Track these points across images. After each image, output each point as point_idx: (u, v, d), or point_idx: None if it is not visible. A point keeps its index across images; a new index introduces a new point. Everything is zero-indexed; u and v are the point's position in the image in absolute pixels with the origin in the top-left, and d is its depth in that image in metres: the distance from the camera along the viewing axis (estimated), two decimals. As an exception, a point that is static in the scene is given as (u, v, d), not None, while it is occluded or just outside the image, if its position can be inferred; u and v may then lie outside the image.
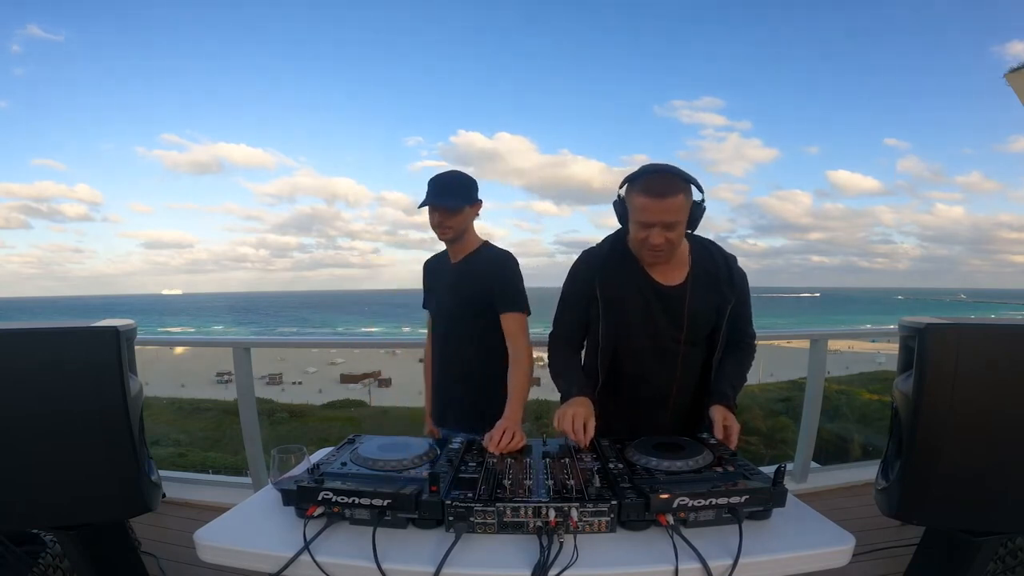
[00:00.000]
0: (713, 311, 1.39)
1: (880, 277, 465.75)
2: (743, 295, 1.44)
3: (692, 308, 1.38)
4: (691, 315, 1.38)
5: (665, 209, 1.23)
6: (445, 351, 1.69)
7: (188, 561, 1.80)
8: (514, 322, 1.56)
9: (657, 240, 1.26)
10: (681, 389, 1.44)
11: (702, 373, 1.46)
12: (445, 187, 1.59)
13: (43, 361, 1.11)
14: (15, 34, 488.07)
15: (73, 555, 1.27)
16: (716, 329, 1.41)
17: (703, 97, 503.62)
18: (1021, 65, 5.21)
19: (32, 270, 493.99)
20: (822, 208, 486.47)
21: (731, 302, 1.39)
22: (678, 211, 1.24)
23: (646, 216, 1.25)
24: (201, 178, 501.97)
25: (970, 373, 1.09)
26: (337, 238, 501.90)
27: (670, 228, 1.25)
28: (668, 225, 1.25)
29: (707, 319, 1.40)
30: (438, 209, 1.58)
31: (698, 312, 1.38)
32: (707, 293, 1.39)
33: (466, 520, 0.95)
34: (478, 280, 1.60)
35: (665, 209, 1.23)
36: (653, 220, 1.24)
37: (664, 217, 1.24)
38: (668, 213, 1.23)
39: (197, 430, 7.75)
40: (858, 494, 2.49)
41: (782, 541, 0.95)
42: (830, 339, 2.70)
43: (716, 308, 1.39)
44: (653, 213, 1.24)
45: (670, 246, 1.28)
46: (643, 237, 1.28)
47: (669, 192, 1.23)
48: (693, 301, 1.37)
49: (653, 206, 1.24)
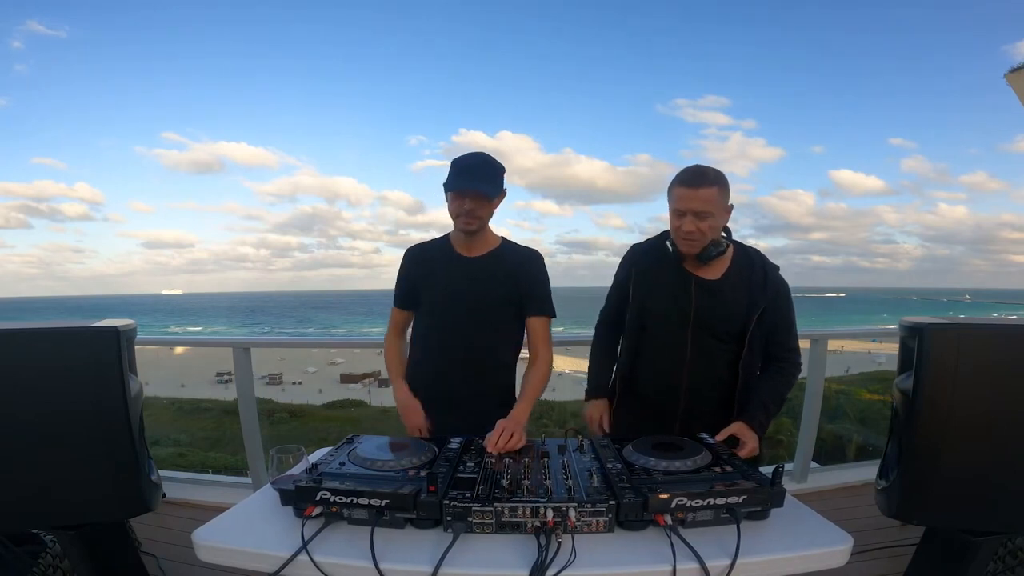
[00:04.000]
0: (743, 309, 1.44)
1: (881, 277, 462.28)
2: (778, 303, 1.46)
3: (724, 302, 1.44)
4: (719, 307, 1.44)
5: (697, 197, 1.34)
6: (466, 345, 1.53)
7: (188, 561, 1.80)
8: (543, 326, 1.55)
9: (690, 227, 1.35)
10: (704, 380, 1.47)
11: (730, 372, 1.48)
12: (479, 171, 1.44)
13: (43, 361, 1.11)
14: (16, 30, 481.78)
15: (73, 555, 1.27)
16: (745, 330, 1.44)
17: (707, 96, 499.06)
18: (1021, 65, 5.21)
19: (32, 270, 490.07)
20: (825, 208, 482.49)
21: (762, 306, 1.43)
22: (708, 201, 1.34)
23: (680, 203, 1.36)
24: (202, 177, 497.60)
25: (970, 373, 1.08)
26: (338, 238, 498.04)
27: (701, 217, 1.35)
28: (699, 214, 1.34)
29: (736, 315, 1.44)
30: (471, 195, 1.42)
31: (726, 305, 1.44)
32: (739, 291, 1.45)
33: (464, 520, 0.95)
34: (510, 278, 1.52)
35: (697, 197, 1.34)
36: (685, 208, 1.35)
37: (695, 205, 1.34)
38: (699, 202, 1.33)
39: (197, 430, 7.75)
40: (858, 494, 2.49)
41: (780, 541, 0.95)
42: (830, 339, 2.69)
43: (746, 307, 1.44)
44: (686, 201, 1.35)
45: (702, 235, 1.37)
46: (677, 225, 1.38)
47: (702, 183, 1.34)
48: (725, 295, 1.45)
49: (686, 194, 1.35)
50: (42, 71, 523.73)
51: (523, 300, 1.53)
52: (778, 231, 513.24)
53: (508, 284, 1.52)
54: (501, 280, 1.52)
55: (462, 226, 1.48)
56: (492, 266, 1.53)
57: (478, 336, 1.53)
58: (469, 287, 1.51)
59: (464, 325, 1.52)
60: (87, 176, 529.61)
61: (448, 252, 1.57)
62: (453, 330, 1.53)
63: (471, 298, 1.51)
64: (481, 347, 1.54)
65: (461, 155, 1.47)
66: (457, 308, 1.52)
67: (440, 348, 1.56)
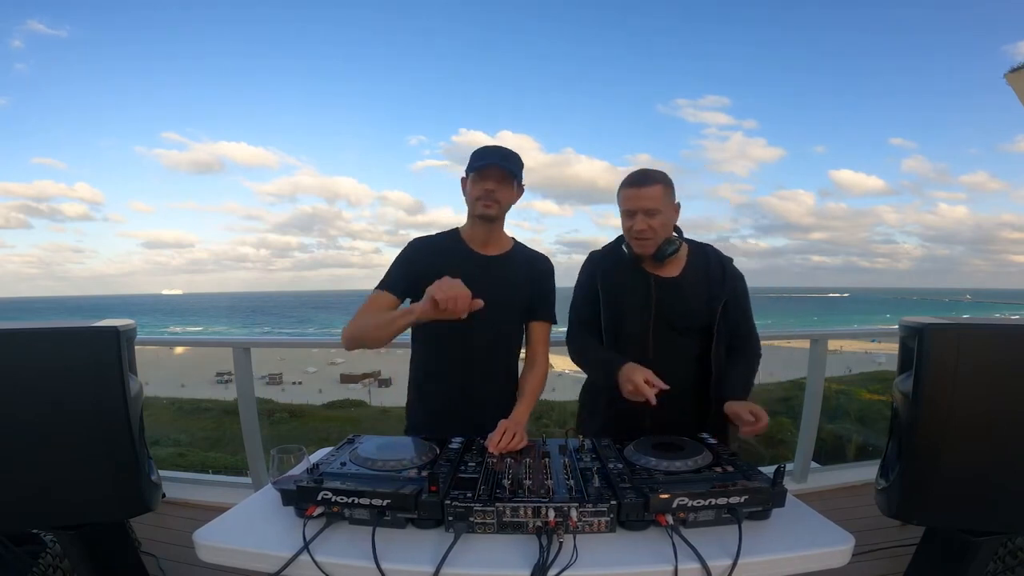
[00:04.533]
0: (704, 303, 1.48)
1: (880, 277, 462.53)
2: (737, 293, 1.52)
3: (683, 297, 1.48)
4: (680, 303, 1.48)
5: (644, 196, 1.40)
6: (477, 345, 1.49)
7: (188, 561, 1.80)
8: (545, 331, 1.55)
9: (641, 225, 1.41)
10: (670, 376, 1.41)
11: (698, 366, 1.50)
12: (503, 152, 1.42)
13: (43, 361, 1.11)
14: (16, 29, 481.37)
15: (73, 555, 1.27)
16: (710, 323, 1.48)
17: (707, 96, 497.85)
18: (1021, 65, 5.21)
19: (32, 270, 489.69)
20: (825, 208, 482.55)
21: (723, 299, 1.48)
22: (655, 199, 1.40)
23: (629, 203, 1.42)
24: (202, 177, 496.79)
25: (970, 373, 1.08)
26: (338, 238, 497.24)
27: (651, 215, 1.41)
28: (648, 212, 1.40)
29: (697, 309, 1.48)
30: (496, 174, 1.39)
31: (687, 301, 1.48)
32: (699, 285, 1.50)
33: (465, 520, 0.95)
34: (525, 281, 1.52)
35: (644, 196, 1.40)
36: (635, 207, 1.41)
37: (644, 204, 1.40)
38: (647, 200, 1.40)
39: (197, 430, 7.75)
40: (858, 494, 2.49)
41: (782, 541, 0.95)
42: (830, 339, 2.70)
43: (707, 301, 1.48)
44: (634, 200, 1.41)
45: (653, 233, 1.42)
46: (629, 225, 1.44)
47: (647, 182, 1.41)
48: (685, 290, 1.49)
49: (634, 193, 1.42)
50: (42, 71, 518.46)
51: (531, 303, 1.53)
52: (778, 231, 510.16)
53: (523, 287, 1.52)
54: (517, 283, 1.51)
55: (481, 209, 1.41)
56: (508, 267, 1.51)
57: (489, 337, 1.49)
58: (486, 286, 1.40)
59: (476, 325, 1.42)
60: (87, 176, 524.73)
61: (460, 247, 1.50)
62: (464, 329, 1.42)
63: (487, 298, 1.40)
64: (491, 348, 1.51)
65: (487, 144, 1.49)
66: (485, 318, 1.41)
67: (450, 347, 1.50)
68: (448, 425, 1.43)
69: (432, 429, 1.44)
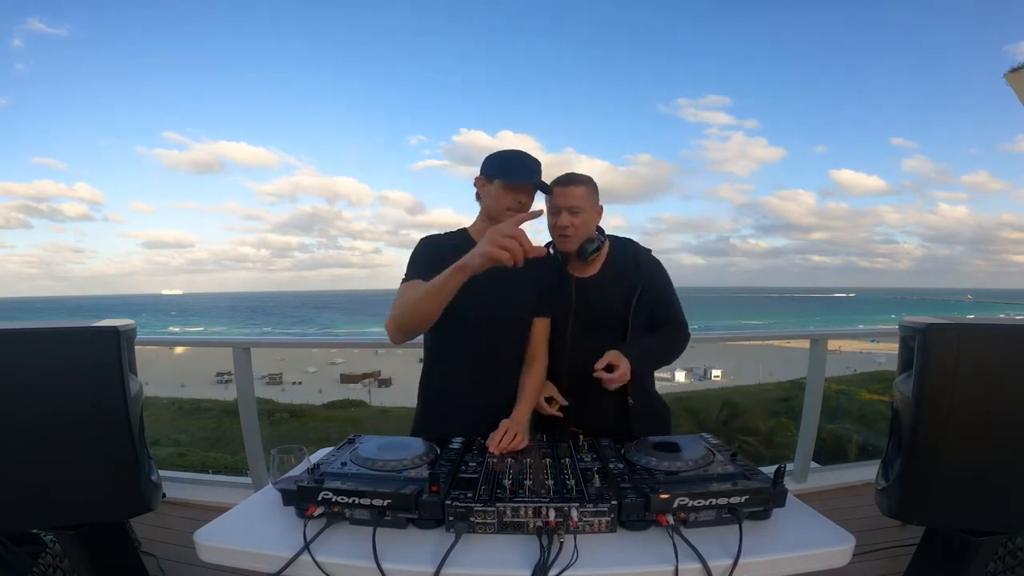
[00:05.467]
0: (621, 297, 1.52)
1: (881, 277, 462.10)
2: (654, 281, 1.56)
3: (603, 294, 1.53)
4: (599, 298, 1.53)
5: (569, 194, 1.48)
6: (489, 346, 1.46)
7: (188, 561, 1.80)
8: (545, 326, 1.54)
9: (565, 222, 1.48)
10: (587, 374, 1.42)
11: None
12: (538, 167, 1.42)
13: (43, 361, 1.11)
14: (16, 28, 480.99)
15: (73, 555, 1.27)
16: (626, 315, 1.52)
17: (708, 95, 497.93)
18: (1021, 65, 5.21)
19: (32, 270, 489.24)
20: (825, 208, 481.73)
21: (639, 288, 1.52)
22: (579, 198, 1.49)
23: (554, 201, 1.50)
24: (202, 177, 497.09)
25: (970, 373, 1.09)
26: (338, 238, 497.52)
27: (574, 212, 1.48)
28: (571, 209, 1.48)
29: (614, 304, 1.52)
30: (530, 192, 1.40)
31: (608, 297, 1.53)
32: (616, 280, 1.55)
33: (466, 520, 0.95)
34: (533, 280, 1.50)
35: (569, 194, 1.48)
36: (560, 204, 1.48)
37: (569, 201, 1.48)
38: (572, 198, 1.48)
39: (197, 430, 7.75)
40: (858, 494, 2.49)
41: (782, 541, 0.95)
42: (830, 339, 2.70)
43: (624, 294, 1.52)
44: (560, 198, 1.49)
45: (575, 230, 1.49)
46: (553, 223, 1.51)
47: (572, 182, 1.50)
48: (604, 287, 1.54)
49: (559, 192, 1.49)
50: (42, 70, 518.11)
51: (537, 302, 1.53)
52: (779, 231, 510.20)
53: (532, 286, 1.51)
54: (527, 282, 1.50)
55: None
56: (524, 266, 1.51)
57: (501, 338, 1.48)
58: (497, 287, 1.43)
59: (489, 326, 1.46)
60: (87, 176, 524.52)
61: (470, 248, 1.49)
62: (477, 331, 1.46)
63: (499, 299, 1.46)
64: (504, 349, 1.50)
65: (507, 150, 1.46)
66: (482, 308, 1.45)
67: (460, 348, 1.48)
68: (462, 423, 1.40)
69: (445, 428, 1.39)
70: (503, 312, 1.47)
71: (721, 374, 22.07)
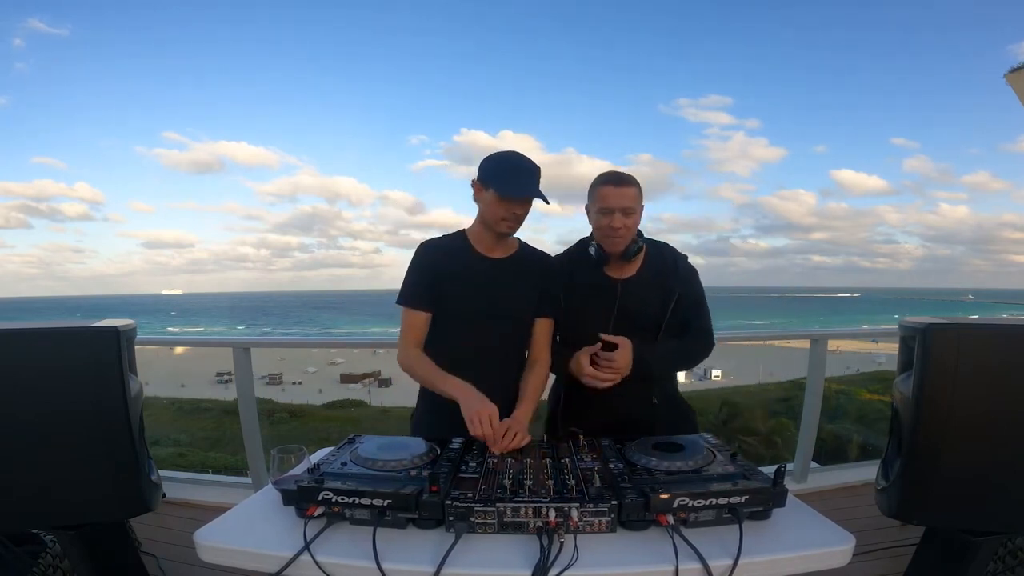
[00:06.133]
0: (659, 299, 1.52)
1: (881, 277, 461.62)
2: (689, 288, 1.55)
3: (641, 295, 1.53)
4: (636, 301, 1.53)
5: (623, 195, 1.46)
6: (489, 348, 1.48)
7: (188, 561, 1.80)
8: (549, 327, 1.54)
9: (619, 223, 1.45)
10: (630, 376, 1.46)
11: None
12: (535, 176, 1.39)
13: (43, 361, 1.11)
14: (17, 27, 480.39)
15: (73, 555, 1.27)
16: (663, 319, 1.52)
17: (709, 95, 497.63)
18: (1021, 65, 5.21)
19: (32, 270, 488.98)
20: (826, 208, 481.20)
21: (677, 293, 1.52)
22: (633, 199, 1.47)
23: (608, 202, 1.46)
24: (202, 177, 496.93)
25: (970, 373, 1.09)
26: (338, 238, 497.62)
27: (627, 213, 1.46)
28: (625, 210, 1.45)
29: (653, 307, 1.52)
30: (525, 203, 1.39)
31: (646, 299, 1.53)
32: (654, 283, 1.54)
33: (466, 520, 0.95)
34: (534, 282, 1.51)
35: (623, 195, 1.46)
36: (614, 205, 1.45)
37: (623, 202, 1.45)
38: (626, 199, 1.46)
39: (197, 430, 7.76)
40: (858, 494, 2.49)
41: (782, 541, 0.95)
42: (830, 339, 2.70)
43: (663, 297, 1.52)
44: (615, 199, 1.46)
45: (627, 231, 1.48)
46: (606, 223, 1.47)
47: (626, 182, 1.48)
48: (642, 288, 1.54)
49: (614, 192, 1.47)
50: (43, 70, 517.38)
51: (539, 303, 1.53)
52: (779, 231, 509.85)
53: (533, 288, 1.51)
54: (528, 284, 1.51)
55: (505, 229, 1.42)
56: (517, 269, 1.51)
57: (501, 339, 1.49)
58: (498, 290, 1.46)
59: (489, 328, 1.47)
60: (87, 176, 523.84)
61: (469, 251, 1.49)
62: (476, 333, 1.47)
63: (499, 301, 1.47)
64: (502, 350, 1.50)
65: (503, 154, 1.41)
66: (483, 311, 1.47)
67: (460, 350, 1.48)
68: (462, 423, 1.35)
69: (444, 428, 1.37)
70: (503, 313, 1.47)
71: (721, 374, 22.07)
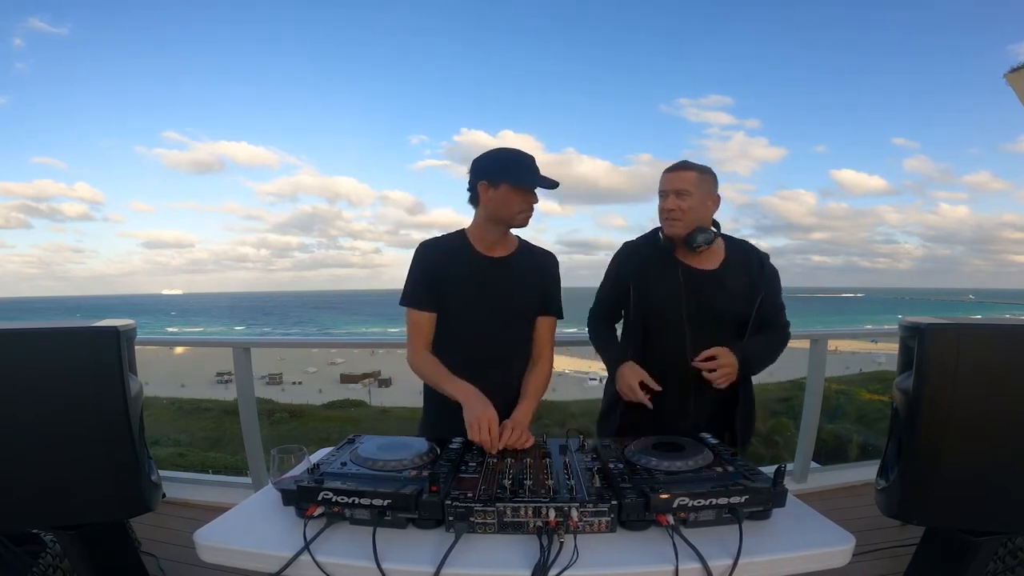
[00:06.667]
0: (741, 296, 1.51)
1: (881, 277, 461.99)
2: (773, 288, 1.56)
3: (722, 289, 1.51)
4: (721, 296, 1.51)
5: (677, 178, 1.49)
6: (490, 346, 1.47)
7: (188, 561, 1.80)
8: (551, 326, 1.55)
9: (671, 205, 1.48)
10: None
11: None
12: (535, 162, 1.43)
13: (43, 361, 1.11)
14: (17, 27, 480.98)
15: (73, 555, 1.27)
16: (746, 315, 1.51)
17: (710, 95, 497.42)
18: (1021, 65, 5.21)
19: (32, 270, 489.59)
20: (826, 208, 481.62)
21: (761, 292, 1.51)
22: (687, 182, 1.48)
23: (663, 185, 1.52)
24: (202, 177, 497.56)
25: (970, 373, 1.08)
26: (338, 238, 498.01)
27: (681, 196, 1.48)
28: (679, 192, 1.48)
29: (735, 302, 1.51)
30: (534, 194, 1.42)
31: (727, 293, 1.51)
32: (737, 279, 1.53)
33: (466, 520, 0.95)
34: (535, 280, 1.51)
35: (677, 178, 1.49)
36: (668, 188, 1.50)
37: (676, 184, 1.48)
38: (679, 181, 1.49)
39: (197, 430, 7.76)
40: (858, 494, 2.49)
41: (782, 541, 0.95)
42: (830, 339, 2.70)
43: (745, 295, 1.51)
44: (668, 182, 1.50)
45: (682, 213, 1.48)
46: (661, 205, 1.52)
47: (680, 167, 1.51)
48: (724, 282, 1.52)
49: (668, 176, 1.51)
50: (43, 69, 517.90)
51: (541, 302, 1.53)
52: (779, 231, 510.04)
53: (534, 286, 1.51)
54: (529, 282, 1.50)
55: (523, 221, 1.43)
56: (518, 267, 1.51)
57: (503, 338, 1.49)
58: (499, 288, 1.46)
59: (490, 327, 1.47)
60: (87, 176, 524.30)
61: (469, 250, 1.49)
62: (478, 332, 1.47)
63: (501, 300, 1.47)
64: (504, 349, 1.50)
65: (501, 151, 1.44)
66: (484, 310, 1.46)
67: (462, 349, 1.47)
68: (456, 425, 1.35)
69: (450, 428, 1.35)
70: (504, 311, 1.47)
71: (721, 374, 22.03)
